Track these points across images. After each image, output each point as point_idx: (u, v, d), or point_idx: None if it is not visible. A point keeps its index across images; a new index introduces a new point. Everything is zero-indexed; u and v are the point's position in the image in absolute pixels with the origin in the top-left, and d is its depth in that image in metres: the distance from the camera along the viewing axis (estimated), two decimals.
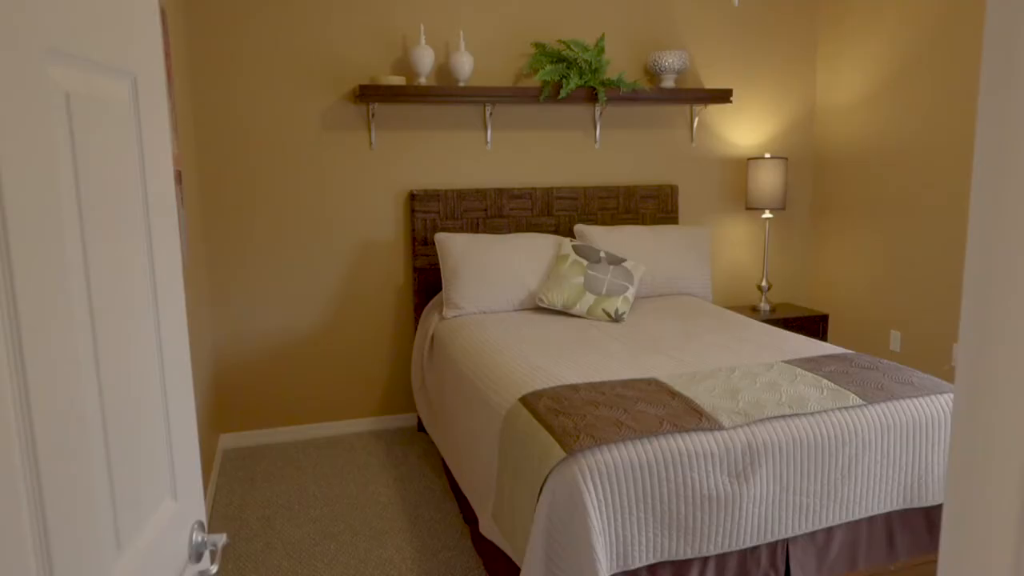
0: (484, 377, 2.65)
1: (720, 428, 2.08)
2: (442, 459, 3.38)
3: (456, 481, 2.90)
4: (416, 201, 3.71)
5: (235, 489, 3.22)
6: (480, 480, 2.48)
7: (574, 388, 2.33)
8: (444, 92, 3.54)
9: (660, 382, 2.39)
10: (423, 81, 3.58)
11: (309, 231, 3.64)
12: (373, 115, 3.63)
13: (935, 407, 2.30)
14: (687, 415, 2.12)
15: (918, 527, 2.36)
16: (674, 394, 2.27)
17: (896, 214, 3.92)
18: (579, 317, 3.39)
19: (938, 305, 3.69)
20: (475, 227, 3.81)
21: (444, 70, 3.72)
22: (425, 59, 3.53)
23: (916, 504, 2.28)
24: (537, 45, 3.79)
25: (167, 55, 2.45)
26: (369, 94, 3.42)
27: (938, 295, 3.69)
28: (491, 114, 3.82)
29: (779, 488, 2.11)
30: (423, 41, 3.54)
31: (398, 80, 3.49)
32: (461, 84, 3.64)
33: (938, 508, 2.36)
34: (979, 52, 3.38)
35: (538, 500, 1.96)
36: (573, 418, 2.09)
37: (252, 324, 3.62)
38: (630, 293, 3.44)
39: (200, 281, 3.24)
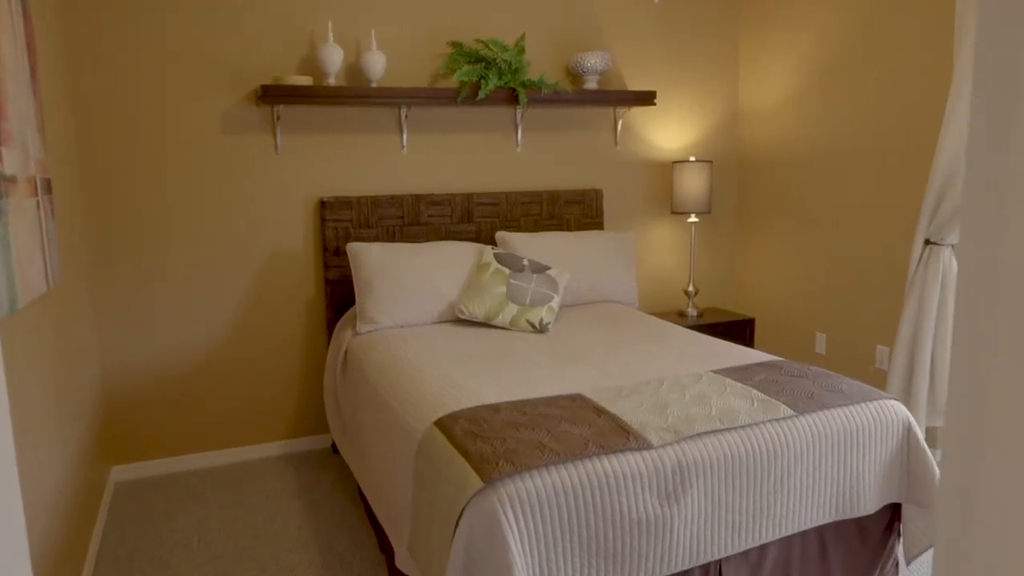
0: (399, 397, 2.45)
1: (649, 447, 1.94)
2: (358, 484, 3.17)
3: (372, 509, 2.70)
4: (327, 209, 3.49)
5: (127, 527, 2.93)
6: (396, 510, 2.29)
7: (494, 408, 2.16)
8: (355, 93, 3.33)
9: (586, 398, 2.24)
10: (332, 81, 3.37)
11: (209, 243, 3.37)
12: (278, 117, 3.39)
13: (865, 415, 2.23)
14: (614, 434, 1.98)
15: (851, 538, 2.28)
16: (600, 411, 2.13)
17: (819, 216, 3.91)
18: (502, 329, 3.23)
19: (862, 307, 3.68)
20: (391, 236, 3.61)
21: (355, 70, 3.51)
22: (334, 58, 3.32)
23: (848, 515, 2.20)
24: (454, 44, 3.63)
25: (30, 48, 2.17)
26: (273, 95, 3.18)
27: (862, 297, 3.68)
28: (406, 116, 3.63)
29: (711, 507, 1.99)
30: (331, 39, 3.32)
31: (304, 80, 3.27)
32: (373, 85, 3.45)
33: (870, 518, 2.30)
34: (899, 55, 3.39)
35: (454, 534, 1.78)
36: (492, 443, 1.92)
37: (146, 345, 3.33)
38: (555, 302, 3.30)
39: (79, 301, 2.94)
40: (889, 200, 3.48)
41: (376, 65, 3.40)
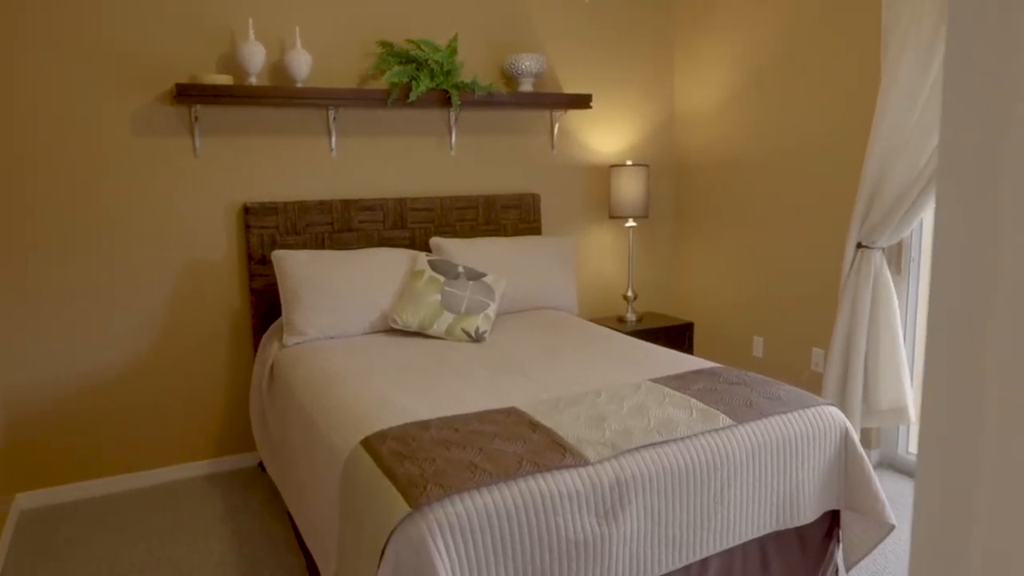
0: (325, 413, 2.32)
1: (586, 463, 1.86)
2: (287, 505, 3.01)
3: (301, 533, 2.55)
4: (251, 215, 3.32)
5: (32, 562, 2.71)
6: (323, 535, 2.16)
7: (424, 425, 2.05)
8: (279, 93, 3.18)
9: (521, 412, 2.15)
10: (254, 81, 3.21)
11: (123, 252, 3.17)
12: (197, 119, 3.21)
13: (803, 422, 2.19)
14: (549, 451, 1.89)
15: (791, 548, 2.25)
16: (535, 426, 2.04)
17: (755, 220, 3.92)
18: (437, 338, 3.12)
19: (798, 310, 3.70)
20: (320, 243, 3.46)
21: (278, 69, 3.35)
22: (255, 56, 3.16)
23: (789, 525, 2.17)
24: (384, 44, 3.50)
25: None
26: (189, 95, 3.00)
27: (798, 300, 3.70)
28: (335, 118, 3.48)
29: (650, 523, 1.92)
30: (252, 36, 3.16)
31: (224, 79, 3.10)
32: (299, 85, 3.29)
33: (810, 526, 2.27)
34: (829, 60, 3.41)
35: (380, 564, 1.67)
36: (421, 463, 1.81)
37: (53, 362, 3.10)
38: (491, 310, 3.20)
39: None
40: (823, 204, 3.50)
41: (301, 64, 3.25)
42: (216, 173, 3.30)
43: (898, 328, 3.12)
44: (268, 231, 3.36)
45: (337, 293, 3.12)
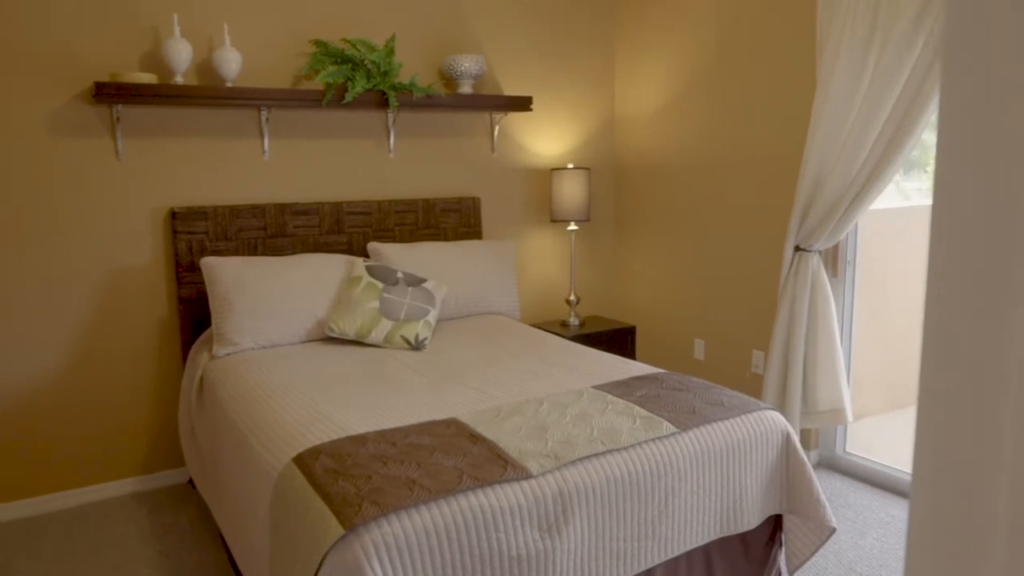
0: (256, 428, 2.21)
1: (528, 476, 1.81)
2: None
3: (233, 555, 2.43)
4: (178, 220, 3.17)
5: None
6: (256, 557, 2.05)
7: (360, 440, 1.97)
8: (207, 93, 3.04)
9: (461, 423, 2.09)
10: (180, 80, 3.06)
11: (38, 261, 2.98)
12: (118, 119, 3.05)
13: (746, 427, 2.19)
14: (490, 464, 1.83)
15: (736, 554, 2.24)
16: (476, 438, 1.98)
17: (696, 224, 3.94)
18: (375, 347, 3.03)
19: (738, 313, 3.73)
20: (252, 248, 3.33)
21: (206, 68, 3.21)
22: (181, 54, 3.02)
23: (733, 531, 2.16)
24: (318, 43, 3.39)
25: None
26: (110, 94, 2.85)
27: (738, 303, 3.73)
28: (267, 120, 3.36)
29: (595, 536, 1.88)
30: (177, 33, 3.02)
31: (148, 78, 2.95)
32: (228, 84, 3.16)
33: (753, 532, 2.26)
34: (766, 64, 3.44)
35: None
36: (356, 481, 1.73)
37: None
38: (432, 316, 3.13)
39: None
40: (762, 208, 3.54)
41: (230, 63, 3.12)
42: (140, 176, 3.14)
43: (835, 330, 3.16)
44: (197, 237, 3.22)
45: (270, 301, 3.00)
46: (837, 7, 2.93)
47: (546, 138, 4.19)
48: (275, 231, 3.38)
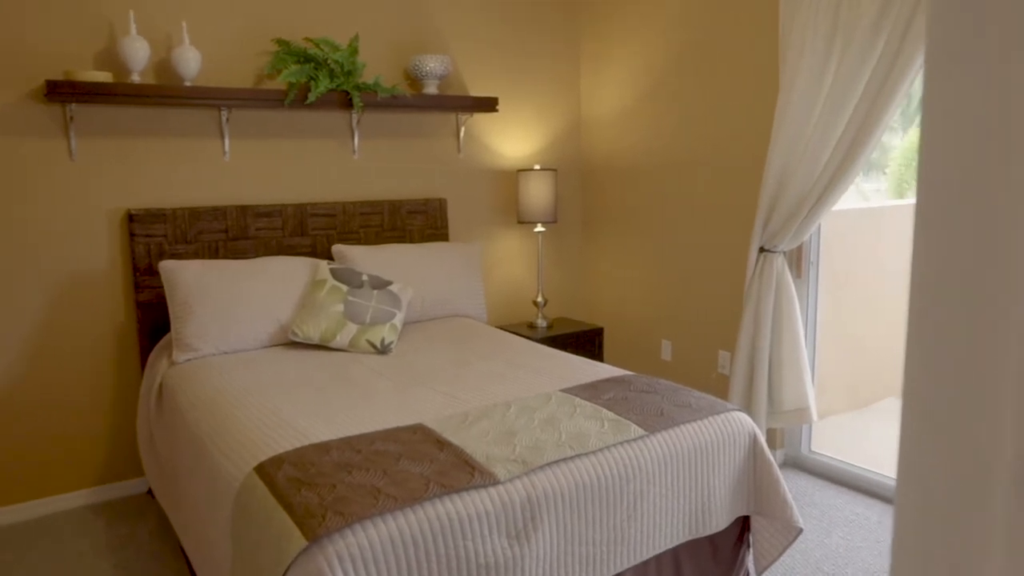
0: (217, 437, 2.15)
1: (495, 483, 1.79)
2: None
3: (193, 568, 2.37)
4: (136, 223, 3.08)
5: None
6: (217, 570, 1.99)
7: (324, 448, 1.93)
8: (166, 93, 2.97)
9: (428, 429, 2.06)
10: (137, 79, 2.98)
11: None
12: (72, 119, 2.95)
13: (713, 429, 2.19)
14: (457, 471, 1.80)
15: (704, 557, 2.24)
16: (443, 444, 1.95)
17: (662, 225, 3.95)
18: (340, 351, 2.98)
19: (705, 314, 3.74)
20: (213, 251, 3.26)
21: (165, 67, 3.13)
22: (138, 52, 2.94)
23: (701, 533, 2.16)
24: (280, 42, 3.33)
25: None
26: (63, 92, 2.76)
27: (704, 304, 3.74)
28: (228, 120, 3.29)
29: (563, 542, 1.86)
30: (134, 31, 2.94)
31: (103, 76, 2.87)
32: (187, 84, 3.09)
33: (721, 533, 2.27)
34: (731, 65, 3.46)
35: None
36: (320, 490, 1.69)
37: None
38: (398, 320, 3.09)
39: None
40: (727, 208, 3.56)
41: (189, 62, 3.05)
42: (95, 178, 3.05)
43: (799, 330, 3.19)
44: (155, 240, 3.13)
45: (232, 305, 2.93)
46: (798, 9, 2.96)
47: (512, 139, 4.17)
48: (237, 233, 3.31)
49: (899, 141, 6.96)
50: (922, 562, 0.46)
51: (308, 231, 3.48)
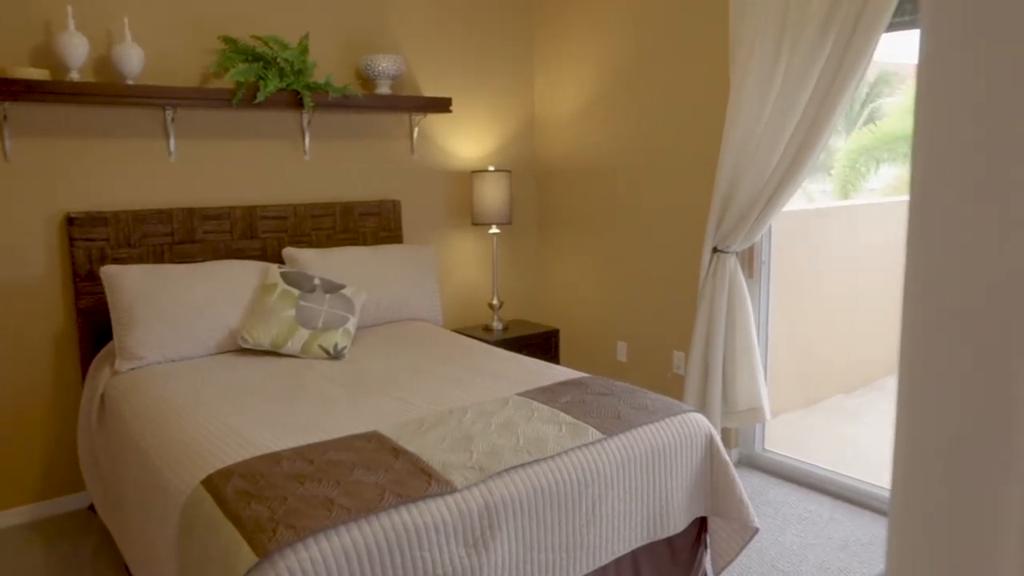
0: (162, 449, 2.08)
1: (453, 490, 1.75)
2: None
3: None
4: (76, 226, 2.97)
5: None
6: None
7: (275, 458, 1.87)
8: (106, 91, 2.86)
9: (383, 437, 2.01)
10: (75, 76, 2.87)
11: None
12: (5, 117, 2.82)
13: (670, 430, 2.19)
14: (414, 479, 1.76)
15: (662, 559, 2.24)
16: (399, 452, 1.91)
17: (617, 226, 3.96)
18: (292, 357, 2.91)
19: (659, 315, 3.76)
20: (158, 256, 3.15)
21: (105, 64, 3.02)
22: (76, 49, 2.83)
23: (659, 536, 2.16)
24: (227, 40, 3.24)
25: None
26: None
27: (659, 305, 3.76)
28: (173, 120, 3.18)
29: (522, 549, 1.84)
30: (72, 26, 2.82)
31: (39, 74, 2.75)
32: (129, 82, 2.98)
33: (679, 535, 2.27)
34: (683, 66, 3.48)
35: None
36: (270, 503, 1.64)
37: None
38: (351, 324, 3.03)
39: None
40: (681, 209, 3.58)
41: (132, 59, 2.94)
42: (31, 179, 2.92)
43: (752, 330, 3.23)
44: (97, 244, 3.02)
45: (178, 311, 2.84)
46: (748, 10, 2.99)
47: (466, 140, 4.13)
48: (183, 237, 3.21)
49: (843, 143, 7.14)
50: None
51: (258, 234, 3.39)
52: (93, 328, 3.03)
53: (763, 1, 2.93)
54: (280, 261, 3.40)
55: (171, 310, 2.83)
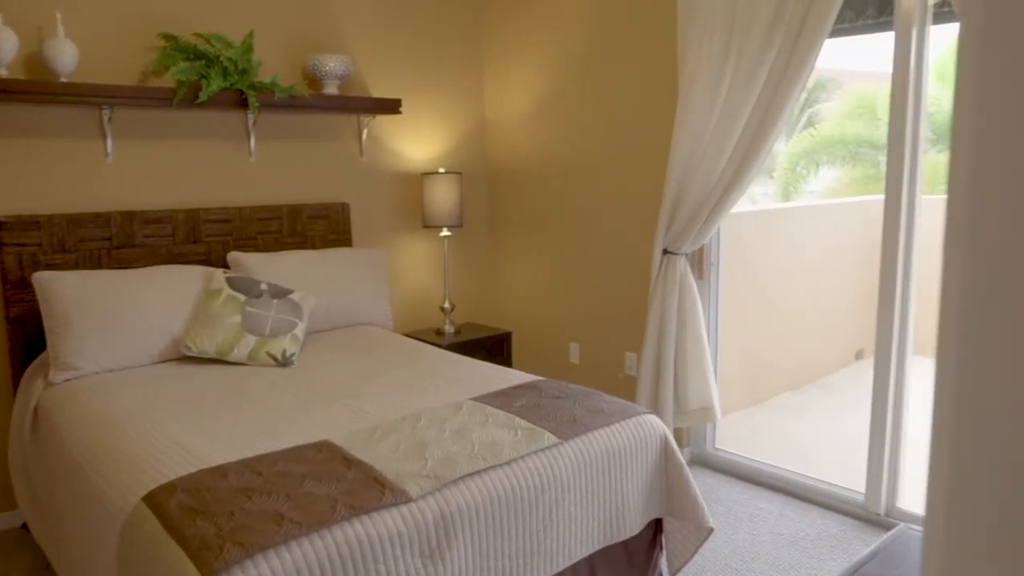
0: (100, 464, 1.99)
1: (407, 500, 1.72)
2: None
3: None
4: (5, 231, 2.83)
5: None
6: None
7: (221, 471, 1.80)
8: (37, 89, 2.74)
9: (334, 446, 1.96)
10: (4, 73, 2.73)
11: None
12: None
13: (626, 433, 2.19)
14: (367, 490, 1.72)
15: (619, 561, 2.24)
16: (351, 461, 1.86)
17: (568, 228, 3.96)
18: (238, 365, 2.82)
19: (611, 316, 3.78)
20: (96, 262, 3.03)
21: (36, 61, 2.89)
22: (5, 44, 2.70)
23: (616, 539, 2.16)
24: (167, 37, 3.13)
25: None
26: None
27: (611, 306, 3.78)
28: (110, 119, 3.06)
29: (479, 557, 1.81)
30: (0, 21, 2.69)
31: None
32: (63, 80, 2.85)
33: (636, 537, 2.27)
34: (632, 67, 3.50)
35: None
36: (217, 519, 1.57)
37: None
38: (299, 330, 2.96)
39: None
40: (632, 211, 3.60)
41: (65, 56, 2.82)
42: None
43: (702, 330, 3.26)
44: (29, 249, 2.88)
45: (117, 319, 2.73)
46: (696, 14, 3.02)
47: (416, 142, 4.09)
48: (122, 241, 3.09)
49: (784, 147, 7.31)
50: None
51: (202, 238, 3.29)
52: (24, 338, 2.89)
53: (710, 4, 2.96)
54: (225, 266, 3.30)
55: (109, 318, 2.72)
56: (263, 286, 3.01)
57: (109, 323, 2.71)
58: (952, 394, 0.44)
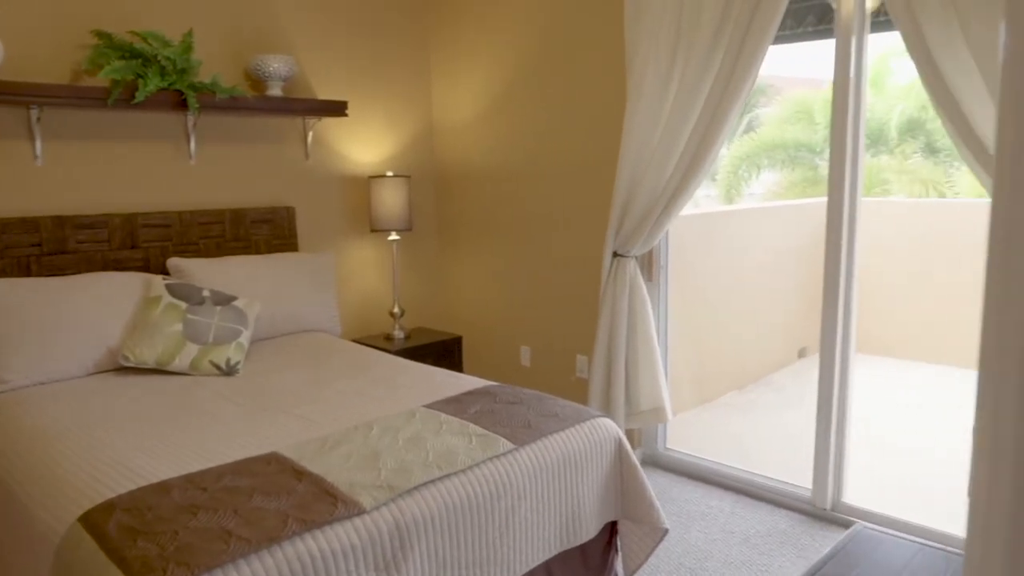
0: (30, 483, 1.88)
1: (361, 512, 1.67)
2: None
3: None
4: None
5: None
6: None
7: (164, 488, 1.73)
8: None
9: (283, 458, 1.90)
10: None
11: None
12: None
13: (580, 437, 2.18)
14: (319, 502, 1.67)
15: (575, 565, 2.23)
16: (301, 473, 1.81)
17: (518, 231, 3.95)
18: (180, 375, 2.72)
19: (562, 319, 3.78)
20: (24, 269, 2.88)
21: None
22: None
23: (573, 543, 2.14)
24: (100, 35, 3.00)
25: None
26: None
27: (561, 309, 3.78)
28: (39, 119, 2.92)
29: (435, 567, 1.77)
30: None
31: None
32: None
33: (591, 541, 2.26)
34: (582, 71, 3.51)
35: None
36: (160, 539, 1.50)
37: None
38: (244, 337, 2.87)
39: None
40: (582, 214, 3.61)
41: None
42: None
43: (653, 331, 3.28)
44: None
45: (48, 329, 2.60)
46: (643, 18, 3.04)
47: (364, 145, 4.02)
48: (53, 247, 2.95)
49: (726, 151, 7.45)
50: None
51: (139, 243, 3.17)
52: None
53: (657, 9, 2.99)
54: (164, 272, 3.18)
55: (40, 328, 2.59)
56: (205, 293, 2.91)
57: (40, 333, 2.58)
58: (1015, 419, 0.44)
